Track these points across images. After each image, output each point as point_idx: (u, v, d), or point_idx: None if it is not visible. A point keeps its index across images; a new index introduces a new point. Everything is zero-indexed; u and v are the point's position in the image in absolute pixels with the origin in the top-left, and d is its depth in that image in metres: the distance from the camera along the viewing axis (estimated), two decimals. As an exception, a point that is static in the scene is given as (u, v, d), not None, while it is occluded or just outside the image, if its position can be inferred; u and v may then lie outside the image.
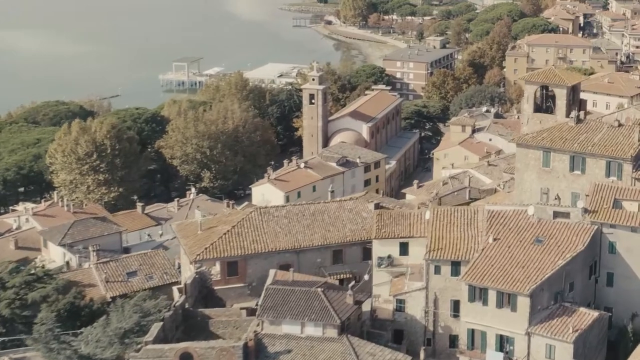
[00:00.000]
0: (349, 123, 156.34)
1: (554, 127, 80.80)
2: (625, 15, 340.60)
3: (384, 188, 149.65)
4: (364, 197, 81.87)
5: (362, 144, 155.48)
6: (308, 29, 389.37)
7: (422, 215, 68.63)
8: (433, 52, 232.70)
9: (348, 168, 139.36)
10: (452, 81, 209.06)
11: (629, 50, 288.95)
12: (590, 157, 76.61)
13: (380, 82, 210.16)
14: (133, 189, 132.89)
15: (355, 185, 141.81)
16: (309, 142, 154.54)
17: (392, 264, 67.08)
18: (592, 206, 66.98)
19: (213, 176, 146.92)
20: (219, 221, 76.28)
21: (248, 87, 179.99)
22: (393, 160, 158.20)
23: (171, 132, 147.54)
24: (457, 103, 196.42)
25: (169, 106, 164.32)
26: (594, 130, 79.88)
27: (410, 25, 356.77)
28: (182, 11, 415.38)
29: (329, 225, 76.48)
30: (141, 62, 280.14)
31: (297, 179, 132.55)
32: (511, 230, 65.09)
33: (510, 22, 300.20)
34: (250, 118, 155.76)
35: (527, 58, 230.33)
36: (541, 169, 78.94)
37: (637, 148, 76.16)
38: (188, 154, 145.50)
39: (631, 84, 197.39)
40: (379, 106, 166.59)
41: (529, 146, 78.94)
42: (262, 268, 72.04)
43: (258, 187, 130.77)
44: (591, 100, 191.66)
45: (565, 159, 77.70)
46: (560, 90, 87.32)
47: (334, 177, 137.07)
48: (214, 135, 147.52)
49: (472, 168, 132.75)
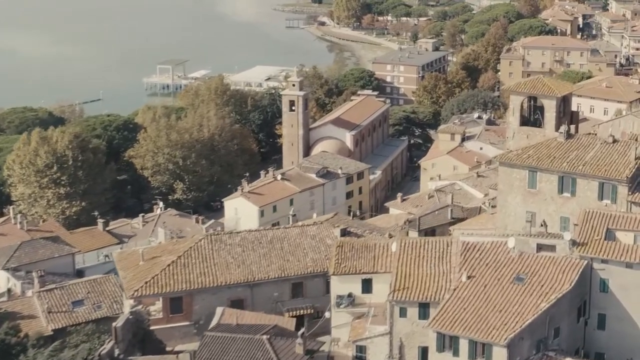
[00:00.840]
0: (332, 131, 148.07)
1: (541, 143, 72.55)
2: (625, 16, 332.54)
3: (368, 200, 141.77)
4: (329, 222, 73.79)
5: (346, 153, 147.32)
6: (301, 30, 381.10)
7: (388, 246, 60.39)
8: (425, 55, 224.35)
9: (328, 180, 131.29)
10: (444, 85, 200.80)
11: (629, 52, 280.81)
12: (581, 177, 68.44)
13: (369, 86, 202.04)
14: (98, 202, 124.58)
15: (336, 198, 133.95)
16: (289, 151, 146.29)
17: (353, 304, 58.82)
18: (582, 237, 58.71)
19: (186, 187, 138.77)
20: (163, 250, 68.03)
21: (228, 92, 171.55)
22: (378, 170, 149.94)
23: (142, 140, 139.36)
24: (448, 108, 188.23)
25: (143, 112, 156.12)
26: (586, 147, 71.66)
27: (405, 26, 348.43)
28: (172, 12, 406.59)
29: (289, 254, 68.33)
30: (126, 64, 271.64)
31: (273, 192, 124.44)
32: (488, 267, 56.81)
33: (506, 23, 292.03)
34: (227, 125, 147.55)
35: (522, 61, 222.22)
36: (526, 190, 70.79)
37: (634, 168, 68.01)
38: (159, 164, 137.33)
39: (630, 88, 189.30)
40: (365, 112, 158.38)
41: (513, 165, 70.76)
42: (211, 304, 63.91)
43: (231, 201, 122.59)
44: (588, 105, 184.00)
45: (554, 179, 69.54)
46: (549, 102, 79.02)
47: (314, 189, 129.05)
48: (188, 144, 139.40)
49: (461, 179, 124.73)
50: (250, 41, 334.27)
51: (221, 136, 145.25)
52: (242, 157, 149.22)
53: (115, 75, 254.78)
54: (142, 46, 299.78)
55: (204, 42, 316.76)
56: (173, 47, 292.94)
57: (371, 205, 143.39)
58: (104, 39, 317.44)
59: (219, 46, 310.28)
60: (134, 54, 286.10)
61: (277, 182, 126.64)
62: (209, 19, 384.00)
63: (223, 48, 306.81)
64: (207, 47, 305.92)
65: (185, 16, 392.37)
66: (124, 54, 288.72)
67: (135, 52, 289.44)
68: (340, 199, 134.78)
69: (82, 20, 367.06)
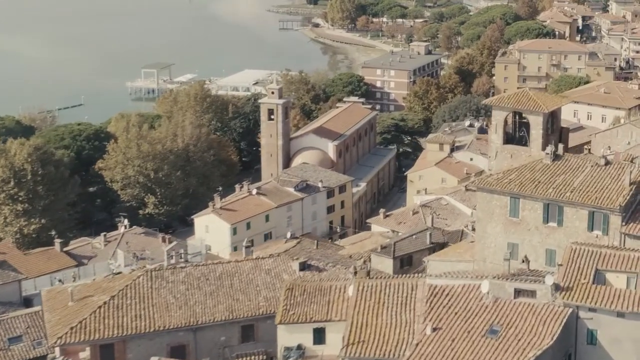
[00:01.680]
0: (313, 141, 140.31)
1: (525, 166, 64.86)
2: (625, 17, 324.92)
3: (351, 214, 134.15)
4: (289, 253, 66.13)
5: (328, 164, 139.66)
6: (295, 32, 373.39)
7: (345, 289, 52.69)
8: (417, 59, 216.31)
9: (308, 194, 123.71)
10: (435, 91, 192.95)
11: (629, 55, 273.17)
12: (569, 205, 60.85)
13: (358, 91, 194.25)
14: (60, 219, 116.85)
15: (316, 213, 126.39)
16: (268, 162, 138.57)
17: (303, 357, 51.10)
18: (566, 281, 50.95)
19: (158, 201, 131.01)
20: (97, 289, 60.23)
21: (208, 99, 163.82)
22: (363, 182, 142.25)
23: (112, 151, 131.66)
24: (439, 115, 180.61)
25: (116, 121, 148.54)
26: (575, 170, 64.00)
27: (400, 28, 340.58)
28: (166, 13, 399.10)
29: (239, 292, 60.55)
30: (111, 67, 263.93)
31: (247, 208, 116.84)
32: (457, 316, 49.05)
33: (503, 25, 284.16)
34: (203, 135, 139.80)
35: (518, 65, 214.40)
36: (508, 219, 63.21)
37: (628, 195, 60.36)
38: (129, 177, 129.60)
39: (629, 94, 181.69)
40: (350, 121, 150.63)
41: (493, 191, 63.10)
42: (148, 351, 56.17)
43: (201, 218, 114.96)
44: (585, 112, 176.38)
45: (538, 207, 61.98)
46: (535, 118, 71.37)
47: (291, 204, 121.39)
48: (160, 155, 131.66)
49: (448, 194, 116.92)
50: (241, 43, 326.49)
51: (197, 146, 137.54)
52: (219, 169, 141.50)
53: (99, 79, 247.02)
54: (128, 49, 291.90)
55: (194, 44, 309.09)
56: (161, 49, 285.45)
57: (354, 220, 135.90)
58: (91, 41, 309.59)
59: (209, 49, 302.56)
60: (120, 56, 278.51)
61: (252, 197, 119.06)
62: (201, 21, 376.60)
63: (213, 51, 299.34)
64: (197, 49, 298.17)
65: (178, 17, 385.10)
66: (109, 56, 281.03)
67: (121, 54, 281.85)
68: (321, 214, 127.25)
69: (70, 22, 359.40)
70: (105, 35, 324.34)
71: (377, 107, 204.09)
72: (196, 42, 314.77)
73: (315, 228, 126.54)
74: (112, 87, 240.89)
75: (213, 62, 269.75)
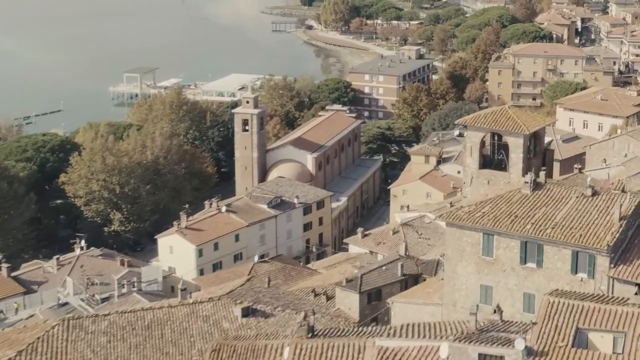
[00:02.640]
0: (291, 153, 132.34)
1: (501, 197, 56.97)
2: (625, 19, 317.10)
3: (330, 231, 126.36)
4: (233, 295, 58.19)
5: (306, 177, 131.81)
6: (288, 34, 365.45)
7: (282, 350, 44.73)
8: (407, 64, 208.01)
9: (282, 210, 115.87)
10: (425, 97, 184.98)
11: (628, 58, 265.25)
12: (550, 244, 53.02)
13: (345, 98, 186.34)
14: (15, 239, 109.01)
15: (292, 231, 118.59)
16: (243, 176, 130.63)
17: None
18: (541, 343, 42.95)
19: (125, 218, 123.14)
20: (4, 341, 52.27)
21: (185, 107, 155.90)
22: (344, 197, 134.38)
23: (75, 164, 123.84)
24: (429, 123, 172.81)
25: (84, 131, 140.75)
26: (557, 202, 56.10)
27: (395, 30, 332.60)
28: (157, 14, 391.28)
29: (170, 344, 52.66)
30: (94, 71, 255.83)
31: (215, 227, 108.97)
32: (410, 387, 41.16)
33: (499, 28, 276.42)
34: (174, 147, 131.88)
35: (512, 70, 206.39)
36: (480, 258, 55.36)
37: (617, 232, 52.48)
38: (93, 192, 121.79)
39: (627, 101, 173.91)
40: (332, 130, 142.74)
41: (464, 226, 55.23)
42: (58, 417, 48.40)
43: (165, 239, 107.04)
44: (581, 120, 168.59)
45: (515, 245, 54.14)
46: (515, 140, 63.38)
47: (264, 222, 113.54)
48: (127, 168, 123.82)
49: (432, 211, 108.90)
50: (232, 46, 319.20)
51: (167, 158, 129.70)
52: (192, 182, 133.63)
53: (82, 83, 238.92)
54: (114, 51, 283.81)
55: (183, 47, 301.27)
56: (148, 52, 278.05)
57: (334, 237, 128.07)
58: (78, 42, 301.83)
59: (198, 51, 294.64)
60: (105, 59, 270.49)
61: (221, 215, 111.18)
62: (192, 22, 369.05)
63: (202, 53, 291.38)
64: (185, 52, 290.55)
65: (169, 19, 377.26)
66: (94, 59, 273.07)
67: (107, 57, 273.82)
68: (297, 232, 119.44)
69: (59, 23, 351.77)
70: (93, 37, 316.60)
71: (365, 114, 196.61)
72: (185, 44, 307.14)
73: (291, 247, 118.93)
74: (94, 91, 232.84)
75: (200, 65, 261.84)
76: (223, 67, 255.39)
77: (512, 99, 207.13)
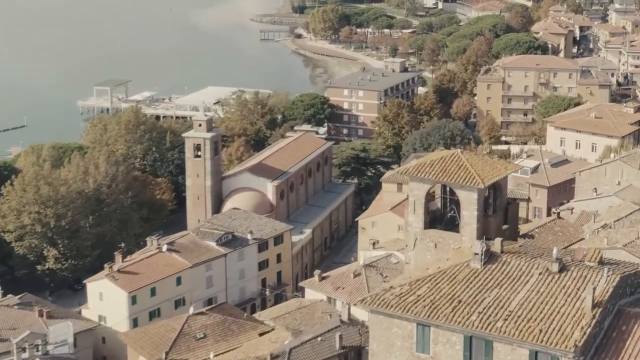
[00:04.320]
0: (249, 181, 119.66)
1: (443, 272, 44.81)
2: (625, 28, 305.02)
3: (291, 268, 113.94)
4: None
5: (266, 208, 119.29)
6: (276, 43, 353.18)
7: None
8: (390, 77, 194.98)
9: (233, 248, 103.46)
10: (407, 114, 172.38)
11: (627, 70, 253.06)
12: (502, 341, 40.72)
13: (321, 114, 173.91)
14: None
15: (244, 271, 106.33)
16: (195, 207, 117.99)
17: None
18: None
19: (62, 254, 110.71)
20: None
21: (143, 127, 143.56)
22: (309, 228, 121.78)
23: (7, 195, 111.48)
24: (410, 143, 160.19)
25: (25, 155, 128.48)
26: (514, 281, 43.87)
27: (386, 39, 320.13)
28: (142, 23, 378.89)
29: None
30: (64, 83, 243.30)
31: (153, 270, 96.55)
32: None
33: (492, 38, 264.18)
34: (121, 173, 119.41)
35: (502, 84, 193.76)
36: (414, 355, 43.10)
37: (589, 327, 40.10)
38: (25, 226, 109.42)
39: (624, 119, 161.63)
40: (298, 154, 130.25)
41: (393, 315, 42.88)
42: None
43: (94, 284, 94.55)
44: (573, 140, 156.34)
45: (457, 341, 42.09)
46: (467, 194, 50.75)
47: (212, 261, 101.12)
48: (66, 198, 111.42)
49: (400, 249, 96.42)
50: (216, 56, 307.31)
51: (111, 187, 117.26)
52: (141, 212, 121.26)
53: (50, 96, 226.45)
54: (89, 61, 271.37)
55: (163, 56, 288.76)
56: (124, 63, 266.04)
57: (296, 275, 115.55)
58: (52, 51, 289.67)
59: (178, 62, 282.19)
60: (78, 69, 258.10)
61: (162, 256, 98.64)
62: (178, 31, 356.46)
63: (181, 64, 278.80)
64: (165, 63, 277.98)
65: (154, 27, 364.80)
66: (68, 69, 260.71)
67: (81, 67, 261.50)
68: (250, 272, 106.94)
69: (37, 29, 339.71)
70: (72, 45, 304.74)
71: (344, 131, 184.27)
72: (166, 54, 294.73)
73: (244, 288, 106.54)
74: (62, 105, 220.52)
75: (179, 77, 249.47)
76: (202, 79, 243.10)
77: (502, 115, 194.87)
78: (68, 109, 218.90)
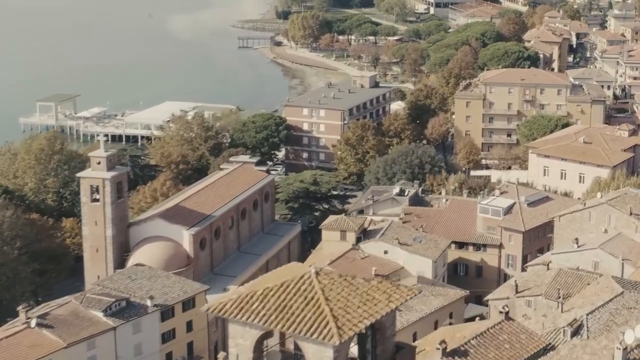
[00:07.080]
0: (161, 228, 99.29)
1: None
2: (624, 35, 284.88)
3: (207, 338, 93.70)
4: None
5: (182, 262, 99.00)
6: (255, 51, 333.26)
7: None
8: (358, 94, 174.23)
9: (125, 319, 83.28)
10: (373, 137, 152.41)
11: (625, 81, 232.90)
12: None
13: (275, 137, 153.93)
14: None
15: (142, 345, 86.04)
16: (93, 261, 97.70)
17: None
18: None
19: None
20: None
21: (57, 157, 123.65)
22: (235, 284, 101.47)
23: None
24: (373, 172, 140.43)
25: None
26: None
27: (368, 48, 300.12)
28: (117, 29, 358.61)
29: None
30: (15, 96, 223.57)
31: (14, 352, 76.45)
32: None
33: (479, 47, 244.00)
34: (7, 219, 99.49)
35: (483, 101, 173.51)
36: None
37: None
38: None
39: (616, 144, 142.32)
40: (228, 193, 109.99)
41: None
42: None
43: None
44: (558, 169, 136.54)
45: None
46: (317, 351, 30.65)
47: (95, 338, 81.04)
48: None
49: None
50: (186, 66, 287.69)
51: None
52: (36, 263, 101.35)
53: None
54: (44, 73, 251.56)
55: (124, 68, 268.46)
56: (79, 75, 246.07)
57: (215, 344, 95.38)
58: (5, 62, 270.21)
59: (140, 74, 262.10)
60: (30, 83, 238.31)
61: (30, 332, 78.50)
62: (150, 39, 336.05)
63: (143, 76, 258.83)
64: (124, 75, 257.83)
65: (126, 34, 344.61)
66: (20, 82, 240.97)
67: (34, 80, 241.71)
68: (151, 346, 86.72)
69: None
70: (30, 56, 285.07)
71: (303, 155, 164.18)
72: (129, 65, 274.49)
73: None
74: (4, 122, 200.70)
75: (137, 90, 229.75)
76: (163, 93, 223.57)
77: (483, 136, 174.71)
78: (10, 126, 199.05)
